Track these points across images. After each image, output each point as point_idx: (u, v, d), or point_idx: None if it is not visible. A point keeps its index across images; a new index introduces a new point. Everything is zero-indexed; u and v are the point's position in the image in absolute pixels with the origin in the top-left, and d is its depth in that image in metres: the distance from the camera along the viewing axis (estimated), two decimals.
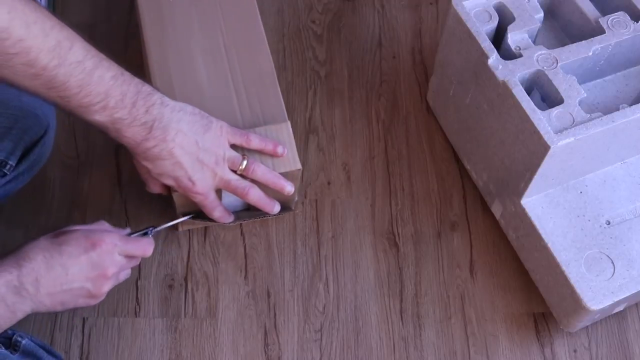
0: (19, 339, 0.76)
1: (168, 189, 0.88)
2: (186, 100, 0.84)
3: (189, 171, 0.82)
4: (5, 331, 0.76)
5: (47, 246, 0.74)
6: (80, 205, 1.02)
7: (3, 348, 0.75)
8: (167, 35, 0.94)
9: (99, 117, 0.75)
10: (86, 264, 0.76)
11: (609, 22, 0.92)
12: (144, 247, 0.84)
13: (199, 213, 0.92)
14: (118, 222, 0.97)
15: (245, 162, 0.86)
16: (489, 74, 0.89)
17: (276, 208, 0.92)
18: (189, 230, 1.00)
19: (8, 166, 0.88)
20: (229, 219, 0.93)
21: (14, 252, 0.73)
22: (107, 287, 0.79)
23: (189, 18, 0.96)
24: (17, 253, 0.73)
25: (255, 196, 0.88)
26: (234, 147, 0.87)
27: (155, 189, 0.88)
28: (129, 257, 0.82)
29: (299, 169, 0.90)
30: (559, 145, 0.83)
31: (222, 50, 0.94)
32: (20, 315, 0.72)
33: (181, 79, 0.92)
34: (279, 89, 0.93)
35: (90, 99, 0.73)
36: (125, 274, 0.84)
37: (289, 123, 0.91)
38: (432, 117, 1.12)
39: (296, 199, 0.99)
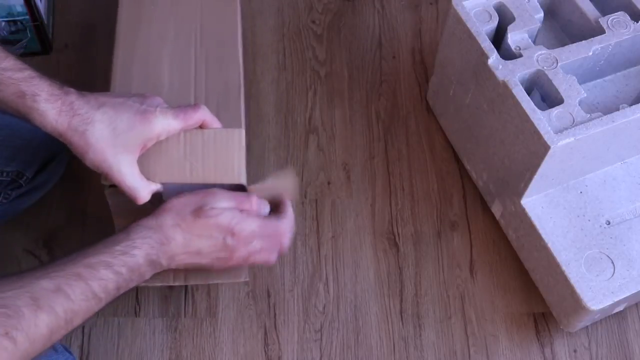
0: None
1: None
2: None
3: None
4: None
5: (190, 227, 0.74)
6: (80, 205, 1.02)
7: None
8: (139, 35, 0.91)
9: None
10: (220, 247, 0.76)
11: (609, 22, 0.92)
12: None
13: None
14: None
15: None
16: (489, 74, 0.89)
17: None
18: None
19: (24, 177, 0.89)
20: None
21: (155, 220, 0.73)
22: (232, 263, 0.78)
23: (166, 24, 0.92)
24: (161, 227, 0.73)
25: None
26: None
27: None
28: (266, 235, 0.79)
29: (242, 185, 0.81)
30: (559, 145, 0.83)
31: (191, 59, 0.90)
32: (148, 277, 0.73)
33: (142, 82, 0.87)
34: (242, 101, 0.87)
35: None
36: (264, 248, 0.79)
37: (243, 130, 0.83)
38: (432, 117, 1.12)
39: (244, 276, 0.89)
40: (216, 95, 0.86)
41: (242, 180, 0.80)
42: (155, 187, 0.77)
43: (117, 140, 0.72)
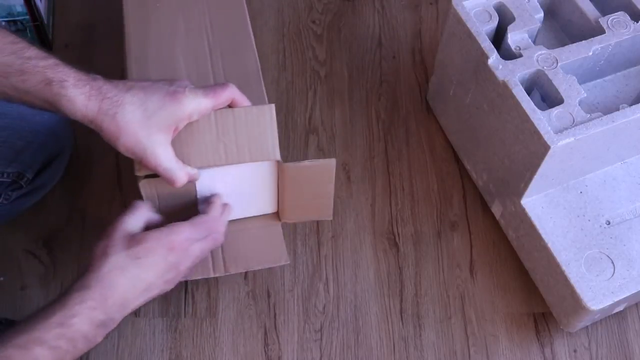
0: None
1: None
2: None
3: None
4: (13, 322, 0.77)
5: (127, 264, 0.70)
6: (80, 205, 1.03)
7: None
8: (149, 34, 0.90)
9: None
10: (164, 269, 0.72)
11: (609, 22, 0.92)
12: (215, 225, 0.78)
13: None
14: None
15: None
16: (489, 74, 0.89)
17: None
18: None
19: (25, 179, 0.89)
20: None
21: (90, 275, 0.68)
22: (180, 277, 0.76)
23: (175, 21, 0.92)
24: (98, 280, 0.68)
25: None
26: None
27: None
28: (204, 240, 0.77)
29: (279, 160, 0.80)
30: (559, 145, 0.83)
31: (206, 52, 0.89)
32: (100, 339, 0.68)
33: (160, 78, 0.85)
34: (263, 85, 0.87)
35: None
36: (203, 249, 0.77)
37: (273, 106, 0.79)
38: (432, 117, 1.12)
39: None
40: (237, 82, 0.83)
41: (277, 156, 0.78)
42: (192, 170, 0.75)
43: (150, 121, 0.70)
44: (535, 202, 0.93)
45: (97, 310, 0.67)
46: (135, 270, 0.70)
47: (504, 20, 0.93)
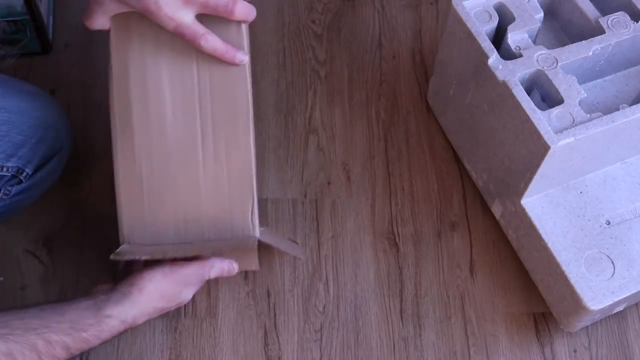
0: None
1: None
2: (145, 137, 0.80)
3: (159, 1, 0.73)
4: None
5: (131, 315, 0.79)
6: (80, 205, 1.02)
7: None
8: (134, 66, 0.80)
9: None
10: (159, 312, 0.84)
11: (609, 22, 0.92)
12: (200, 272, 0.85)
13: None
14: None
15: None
16: (489, 74, 0.89)
17: (239, 55, 0.79)
18: None
19: (25, 174, 0.89)
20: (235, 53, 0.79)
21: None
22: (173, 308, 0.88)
23: (161, 49, 0.80)
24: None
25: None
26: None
27: (94, 23, 0.79)
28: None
29: (255, 238, 0.81)
30: (559, 145, 0.83)
31: (194, 85, 0.80)
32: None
33: (142, 112, 0.80)
34: (251, 136, 0.82)
35: None
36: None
37: (254, 195, 0.81)
38: (432, 117, 1.12)
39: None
40: (224, 132, 0.80)
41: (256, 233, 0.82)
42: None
43: None
44: (535, 202, 0.93)
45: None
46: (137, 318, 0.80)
47: (504, 20, 0.93)
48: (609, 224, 0.92)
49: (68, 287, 0.96)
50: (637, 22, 0.93)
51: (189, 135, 0.80)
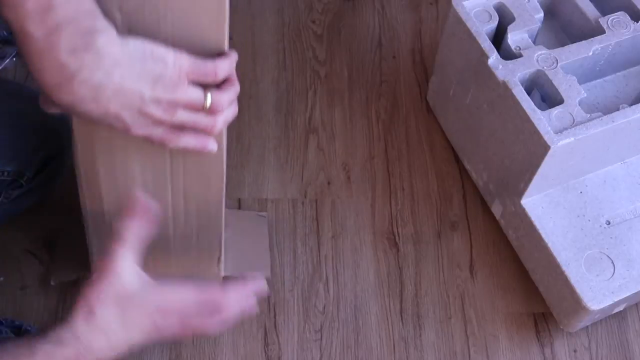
0: (29, 328, 0.77)
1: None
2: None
3: (127, 123, 0.60)
4: (13, 321, 0.77)
5: (111, 326, 0.61)
6: (80, 206, 1.02)
7: (13, 336, 0.75)
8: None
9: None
10: (150, 331, 0.63)
11: (609, 22, 0.92)
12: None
13: None
14: None
15: (209, 97, 0.62)
16: (489, 74, 0.89)
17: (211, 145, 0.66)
18: None
19: (25, 177, 0.89)
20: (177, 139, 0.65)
21: (68, 330, 0.59)
22: (167, 336, 0.65)
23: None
24: (76, 338, 0.59)
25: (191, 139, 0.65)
26: None
27: (49, 108, 0.61)
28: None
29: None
30: (559, 145, 0.83)
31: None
32: None
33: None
34: (222, 223, 0.79)
35: None
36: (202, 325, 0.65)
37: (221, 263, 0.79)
38: (432, 117, 1.12)
39: None
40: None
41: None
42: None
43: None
44: (535, 202, 0.93)
45: None
46: (120, 334, 0.61)
47: (504, 20, 0.93)
48: (609, 224, 0.92)
49: (68, 287, 0.96)
50: (637, 22, 0.93)
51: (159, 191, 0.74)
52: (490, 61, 0.89)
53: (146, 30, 0.58)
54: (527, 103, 0.85)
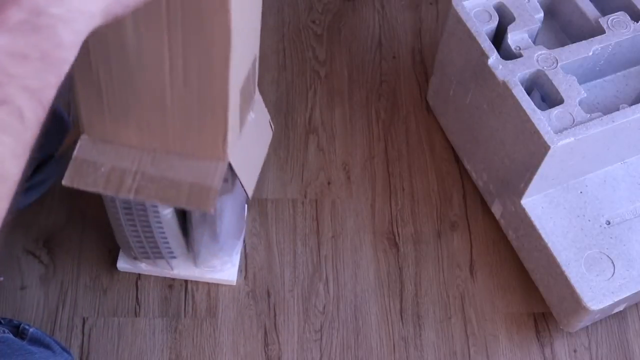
0: (27, 327, 0.77)
1: None
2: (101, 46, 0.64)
3: None
4: (11, 320, 0.77)
5: None
6: (80, 205, 1.02)
7: (11, 335, 0.75)
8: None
9: None
10: None
11: (609, 22, 0.92)
12: None
13: None
14: None
15: None
16: (489, 74, 0.89)
17: None
18: None
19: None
20: None
21: None
22: None
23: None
24: None
25: None
26: None
27: None
28: None
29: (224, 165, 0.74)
30: (559, 145, 0.83)
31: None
32: None
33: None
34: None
35: None
36: None
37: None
38: (432, 117, 1.12)
39: None
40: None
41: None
42: None
43: None
44: (535, 202, 0.93)
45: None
46: None
47: (504, 20, 0.93)
48: (609, 224, 0.92)
49: (68, 286, 0.96)
50: (637, 22, 0.93)
51: (153, 56, 0.67)
52: (490, 61, 0.89)
53: None
54: (527, 103, 0.85)
